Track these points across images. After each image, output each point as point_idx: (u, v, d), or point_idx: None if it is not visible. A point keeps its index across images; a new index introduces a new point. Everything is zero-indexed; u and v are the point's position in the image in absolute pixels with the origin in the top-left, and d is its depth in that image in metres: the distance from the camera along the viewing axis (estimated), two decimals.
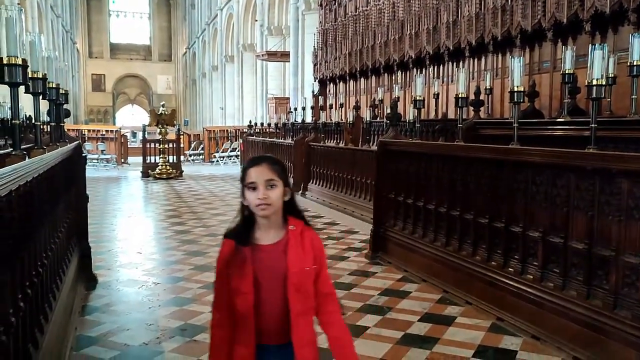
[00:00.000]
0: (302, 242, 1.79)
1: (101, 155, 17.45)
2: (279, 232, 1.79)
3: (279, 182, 1.75)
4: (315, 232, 1.87)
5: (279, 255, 1.76)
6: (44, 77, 2.93)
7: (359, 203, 8.32)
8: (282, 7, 24.05)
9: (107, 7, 48.51)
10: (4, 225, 1.85)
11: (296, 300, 1.74)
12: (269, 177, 1.73)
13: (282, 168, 1.78)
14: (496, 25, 8.27)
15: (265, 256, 1.77)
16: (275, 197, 1.74)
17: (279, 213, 1.78)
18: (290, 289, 1.74)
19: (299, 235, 1.79)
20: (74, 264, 4.18)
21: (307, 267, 1.78)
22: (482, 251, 4.18)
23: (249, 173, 1.75)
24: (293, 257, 1.75)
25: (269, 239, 1.78)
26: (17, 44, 2.27)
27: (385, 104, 11.18)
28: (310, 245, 1.80)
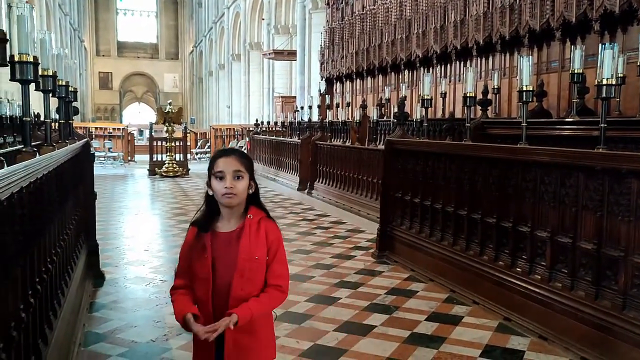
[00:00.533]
0: (257, 231, 1.83)
1: (108, 152, 17.52)
2: (239, 221, 1.86)
3: (246, 175, 1.82)
4: (275, 225, 1.91)
5: (234, 241, 1.82)
6: (54, 75, 2.94)
7: (365, 202, 8.32)
8: (289, 5, 24.05)
9: (114, 6, 48.65)
10: (15, 222, 1.86)
11: (238, 285, 1.79)
12: (237, 167, 1.80)
13: (249, 162, 1.87)
14: (504, 24, 8.24)
15: (222, 243, 1.83)
16: (241, 188, 1.81)
17: (242, 204, 1.85)
18: (235, 274, 1.79)
19: (255, 224, 1.84)
20: (82, 260, 4.20)
21: (257, 256, 1.82)
22: (489, 251, 4.17)
23: (217, 163, 1.81)
24: (244, 244, 1.81)
25: (229, 227, 1.85)
26: (28, 42, 2.29)
27: (392, 103, 11.17)
28: (265, 236, 1.84)
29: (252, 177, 1.85)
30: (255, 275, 1.81)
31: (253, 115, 24.84)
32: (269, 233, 1.85)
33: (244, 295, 1.78)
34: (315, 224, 7.53)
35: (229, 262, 1.80)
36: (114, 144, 18.32)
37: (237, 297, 1.77)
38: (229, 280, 1.79)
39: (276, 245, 1.86)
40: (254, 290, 1.80)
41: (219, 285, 1.80)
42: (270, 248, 1.84)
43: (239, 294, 1.78)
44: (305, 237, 6.58)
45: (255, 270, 1.81)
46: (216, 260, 1.81)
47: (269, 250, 1.83)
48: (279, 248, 1.86)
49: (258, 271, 1.81)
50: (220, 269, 1.80)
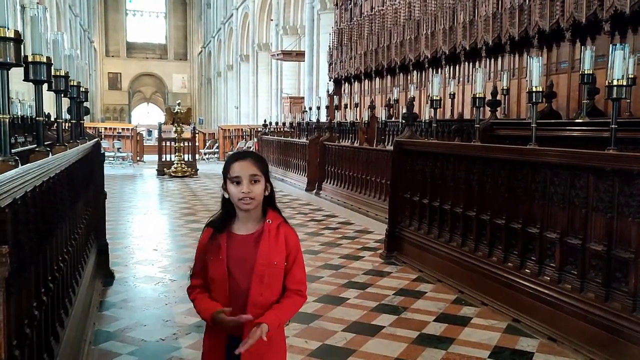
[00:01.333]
0: (276, 236, 1.81)
1: (117, 153, 17.61)
2: (256, 225, 1.83)
3: (262, 178, 1.80)
4: (293, 231, 1.89)
5: (251, 246, 1.80)
6: (67, 75, 2.97)
7: (373, 203, 8.32)
8: (297, 6, 24.08)
9: (124, 7, 48.90)
10: (29, 220, 1.88)
11: (257, 291, 1.77)
12: (253, 172, 1.78)
13: (265, 164, 1.84)
14: (513, 25, 8.21)
15: (238, 246, 1.81)
16: (258, 191, 1.79)
17: (259, 207, 1.83)
18: (254, 279, 1.77)
19: (275, 229, 1.82)
20: (92, 260, 4.24)
21: (275, 262, 1.80)
22: (498, 252, 4.16)
23: (233, 167, 1.79)
24: (263, 249, 1.78)
25: (246, 230, 1.83)
26: (42, 43, 2.31)
27: (401, 104, 11.17)
28: (284, 241, 1.82)
29: (267, 180, 1.83)
30: (274, 281, 1.80)
31: (261, 116, 24.89)
32: (289, 239, 1.83)
33: (262, 301, 1.76)
34: (323, 224, 7.54)
35: (245, 266, 1.78)
36: (123, 144, 18.43)
37: (256, 303, 1.76)
38: (246, 284, 1.77)
39: (295, 251, 1.84)
40: (272, 296, 1.79)
41: (233, 288, 1.79)
42: (289, 254, 1.82)
43: (258, 300, 1.76)
44: (314, 238, 6.59)
45: (274, 276, 1.79)
46: (231, 262, 1.79)
47: (288, 256, 1.82)
48: (298, 253, 1.85)
49: (277, 277, 1.80)
50: (235, 271, 1.79)
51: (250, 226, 1.83)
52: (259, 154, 1.90)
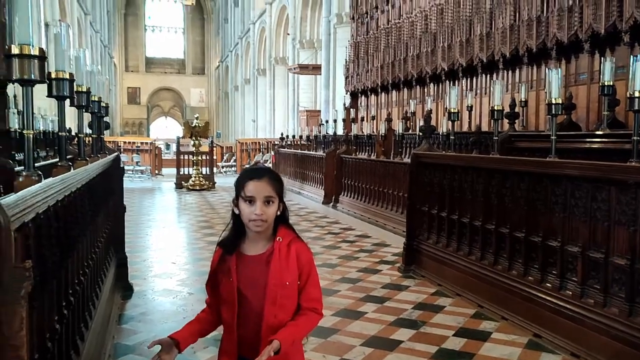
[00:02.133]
0: (287, 254, 1.75)
1: (136, 166, 17.81)
2: (266, 244, 1.77)
3: (276, 199, 1.74)
4: (305, 246, 1.82)
5: (262, 266, 1.74)
6: (88, 91, 3.02)
7: (391, 216, 8.28)
8: (314, 20, 24.26)
9: (143, 23, 49.73)
10: (51, 235, 1.91)
11: (270, 313, 1.72)
12: (268, 193, 1.72)
13: (280, 184, 1.77)
14: (531, 37, 8.17)
15: (248, 266, 1.75)
16: (271, 213, 1.73)
17: (271, 225, 1.77)
18: (266, 301, 1.72)
19: (285, 247, 1.76)
20: (112, 273, 4.27)
21: (288, 281, 1.74)
22: (518, 266, 4.11)
23: (247, 186, 1.72)
24: (274, 270, 1.72)
25: (256, 250, 1.77)
26: (65, 59, 2.36)
27: (418, 116, 11.15)
28: (296, 259, 1.76)
29: (282, 199, 1.77)
30: (288, 302, 1.75)
31: (278, 129, 25.02)
32: (300, 256, 1.77)
33: (277, 323, 1.72)
34: (340, 237, 7.52)
35: (257, 287, 1.73)
36: (141, 158, 18.63)
37: (271, 325, 1.71)
38: (258, 306, 1.72)
39: (308, 268, 1.78)
40: (287, 317, 1.74)
41: (246, 310, 1.74)
42: (302, 272, 1.77)
43: (272, 322, 1.71)
44: (331, 251, 6.57)
45: (287, 297, 1.74)
46: (242, 284, 1.74)
47: (300, 274, 1.76)
48: (311, 270, 1.79)
49: (290, 298, 1.75)
50: (247, 293, 1.74)
51: (260, 246, 1.77)
52: (275, 171, 1.84)
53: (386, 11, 13.73)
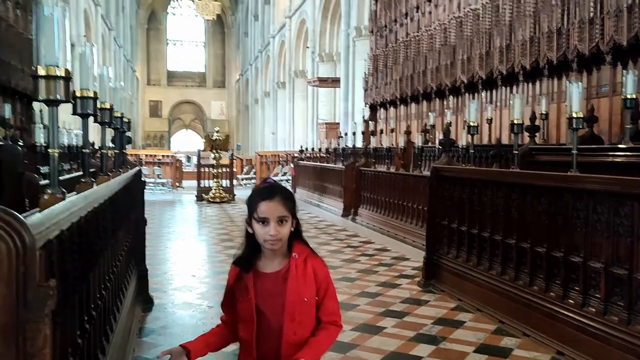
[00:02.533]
0: (304, 270, 1.75)
1: (157, 179, 18.01)
2: (282, 261, 1.78)
3: (290, 217, 1.74)
4: (321, 261, 1.82)
5: (280, 283, 1.74)
6: (111, 107, 3.09)
7: (410, 229, 8.24)
8: (333, 33, 24.41)
9: (164, 37, 50.55)
10: (73, 250, 1.94)
11: (290, 329, 1.72)
12: (282, 213, 1.72)
13: (292, 201, 1.77)
14: (551, 49, 8.12)
15: (266, 284, 1.76)
16: (285, 232, 1.73)
17: (285, 242, 1.77)
18: (285, 318, 1.72)
19: (302, 264, 1.76)
20: (132, 286, 4.32)
21: (306, 298, 1.74)
22: (539, 281, 4.06)
23: (260, 207, 1.72)
24: (291, 286, 1.73)
25: (272, 267, 1.78)
26: (89, 78, 2.42)
27: (437, 129, 11.12)
28: (313, 275, 1.76)
29: (295, 216, 1.78)
30: (307, 318, 1.75)
31: (297, 142, 25.12)
32: (317, 271, 1.78)
33: (297, 340, 1.72)
34: (359, 251, 7.50)
35: (276, 304, 1.74)
36: (162, 170, 18.85)
37: (291, 342, 1.71)
38: (277, 323, 1.73)
39: (326, 283, 1.79)
40: (307, 333, 1.75)
41: (265, 327, 1.74)
42: (320, 287, 1.78)
43: (292, 339, 1.72)
44: (350, 265, 6.55)
45: (306, 313, 1.75)
46: (260, 302, 1.75)
47: (318, 290, 1.77)
48: (328, 285, 1.80)
49: (309, 313, 1.76)
50: (265, 311, 1.75)
51: (277, 263, 1.78)
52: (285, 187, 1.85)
53: (405, 24, 13.76)
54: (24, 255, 1.11)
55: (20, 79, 9.43)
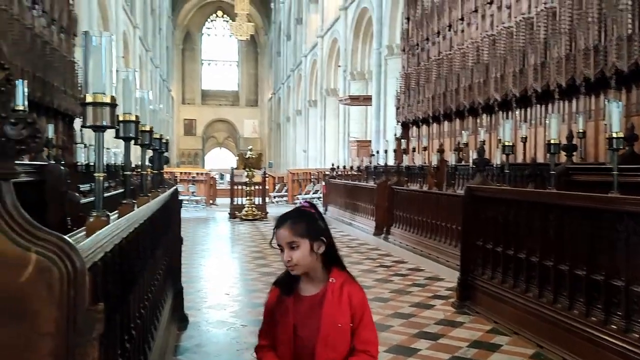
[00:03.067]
0: (340, 296, 1.77)
1: (192, 196, 18.28)
2: (320, 285, 1.81)
3: (302, 241, 1.77)
4: (358, 288, 1.84)
5: (317, 307, 1.78)
6: (151, 130, 3.18)
7: (444, 249, 8.14)
8: (364, 52, 24.55)
9: (199, 57, 51.69)
10: (115, 271, 2.00)
11: (322, 353, 1.74)
12: (290, 239, 1.77)
13: (305, 224, 1.79)
14: (588, 66, 7.98)
15: (304, 307, 1.79)
16: (298, 257, 1.76)
17: (317, 266, 1.80)
18: (319, 342, 1.74)
19: (338, 289, 1.78)
20: (169, 304, 4.38)
21: (340, 324, 1.76)
22: (579, 305, 3.95)
23: (275, 235, 1.82)
24: (327, 312, 1.76)
25: (310, 291, 1.82)
26: (132, 102, 2.50)
27: (470, 147, 11.01)
28: (348, 301, 1.78)
29: (315, 238, 1.79)
30: (340, 344, 1.77)
31: (329, 159, 25.19)
32: (353, 298, 1.79)
33: None
34: (392, 270, 7.45)
35: (312, 328, 1.77)
36: (197, 188, 19.13)
37: None
38: (312, 347, 1.76)
39: (361, 310, 1.81)
40: (338, 358, 1.76)
41: (300, 349, 1.78)
42: (354, 314, 1.79)
43: None
44: (383, 285, 6.51)
45: (340, 339, 1.77)
46: (298, 324, 1.79)
47: (353, 316, 1.79)
48: (364, 313, 1.81)
49: (342, 339, 1.77)
50: (302, 334, 1.78)
51: (314, 287, 1.82)
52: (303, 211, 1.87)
53: (437, 43, 13.74)
54: (75, 280, 1.15)
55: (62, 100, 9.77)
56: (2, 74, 1.13)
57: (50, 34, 9.74)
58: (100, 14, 20.27)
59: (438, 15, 13.65)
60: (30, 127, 1.14)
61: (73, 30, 11.21)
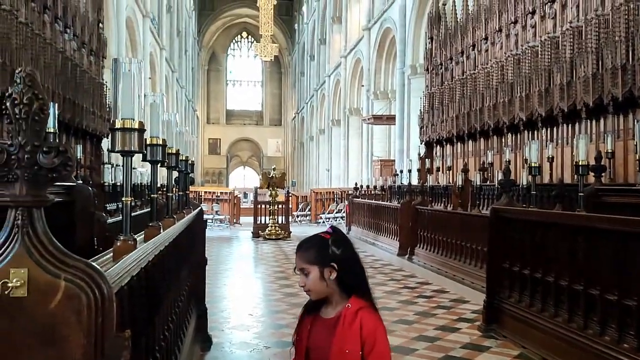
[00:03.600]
0: (351, 322, 1.76)
1: (216, 215, 18.40)
2: (336, 309, 1.82)
3: (312, 268, 1.80)
4: (372, 316, 1.80)
5: (329, 331, 1.78)
6: (177, 152, 3.22)
7: (469, 270, 8.02)
8: (387, 72, 24.64)
9: (224, 77, 52.50)
10: (141, 295, 2.01)
11: None
12: (301, 266, 1.82)
13: (315, 251, 1.81)
14: (616, 85, 7.87)
15: (320, 329, 1.82)
16: (310, 283, 1.80)
17: (333, 292, 1.81)
18: None
19: (351, 315, 1.77)
20: (192, 324, 4.39)
21: (348, 350, 1.74)
22: (611, 331, 3.84)
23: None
24: (337, 337, 1.76)
25: (329, 314, 1.83)
26: (159, 126, 2.55)
27: (495, 167, 10.90)
28: (359, 328, 1.75)
29: (324, 264, 1.80)
30: None
31: (352, 179, 25.19)
32: (364, 326, 1.76)
33: None
34: (417, 292, 7.35)
35: (323, 352, 1.77)
36: (220, 207, 19.26)
37: None
38: None
39: (372, 339, 1.76)
40: None
41: None
42: (365, 342, 1.75)
43: None
44: (407, 307, 6.43)
45: None
46: (311, 347, 1.81)
47: (364, 344, 1.75)
48: (375, 342, 1.76)
49: None
50: (314, 356, 1.80)
51: (331, 310, 1.84)
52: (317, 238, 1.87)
53: (461, 62, 13.73)
54: (102, 306, 1.16)
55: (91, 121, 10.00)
56: (37, 103, 1.17)
57: (81, 57, 10.01)
58: (128, 36, 20.78)
59: (462, 35, 13.66)
60: (62, 155, 1.16)
61: (102, 52, 11.50)
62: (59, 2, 8.93)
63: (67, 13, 9.32)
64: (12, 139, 1.16)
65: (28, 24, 7.53)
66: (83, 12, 10.36)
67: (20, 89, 1.15)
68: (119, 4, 18.80)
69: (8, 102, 1.16)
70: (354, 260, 1.86)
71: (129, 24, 20.84)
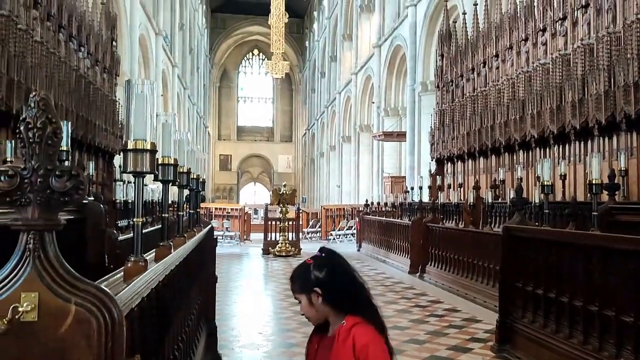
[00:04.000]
0: (345, 339, 1.80)
1: (226, 232, 18.40)
2: (335, 327, 1.88)
3: (300, 296, 1.90)
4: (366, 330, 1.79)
5: (328, 349, 1.84)
6: (189, 171, 3.23)
7: (481, 289, 7.94)
8: (398, 88, 24.69)
9: (235, 94, 52.89)
10: (152, 315, 2.00)
11: None
12: (294, 295, 1.94)
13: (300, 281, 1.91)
14: (629, 102, 7.81)
15: (322, 348, 1.89)
16: (303, 309, 1.90)
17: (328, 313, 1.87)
18: None
19: (345, 332, 1.80)
20: (202, 343, 4.36)
21: None
22: (628, 353, 3.76)
23: None
24: (333, 354, 1.81)
25: (330, 333, 1.90)
26: (171, 146, 2.56)
27: (507, 184, 10.82)
28: (351, 344, 1.78)
29: (310, 290, 1.86)
30: None
31: (362, 195, 25.13)
32: (356, 341, 1.76)
33: None
34: (428, 311, 7.28)
35: None
36: (231, 223, 19.27)
37: None
38: None
39: (364, 355, 1.75)
40: None
41: None
42: (358, 357, 1.76)
43: None
44: (419, 325, 6.36)
45: None
46: None
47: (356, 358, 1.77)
48: (368, 357, 1.75)
49: None
50: None
51: (332, 329, 1.90)
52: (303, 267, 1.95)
53: (472, 79, 13.72)
54: (112, 331, 1.16)
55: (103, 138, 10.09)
56: (50, 127, 1.17)
57: (94, 74, 10.14)
58: (141, 54, 21.04)
59: (472, 52, 13.67)
60: (74, 179, 1.17)
61: (115, 70, 11.65)
62: (73, 21, 9.07)
63: (81, 32, 9.46)
64: (26, 162, 1.17)
65: (43, 42, 7.65)
66: (97, 30, 10.52)
67: (34, 113, 1.16)
68: (132, 22, 19.08)
69: (22, 126, 1.16)
70: (339, 279, 1.86)
71: (142, 41, 21.11)
